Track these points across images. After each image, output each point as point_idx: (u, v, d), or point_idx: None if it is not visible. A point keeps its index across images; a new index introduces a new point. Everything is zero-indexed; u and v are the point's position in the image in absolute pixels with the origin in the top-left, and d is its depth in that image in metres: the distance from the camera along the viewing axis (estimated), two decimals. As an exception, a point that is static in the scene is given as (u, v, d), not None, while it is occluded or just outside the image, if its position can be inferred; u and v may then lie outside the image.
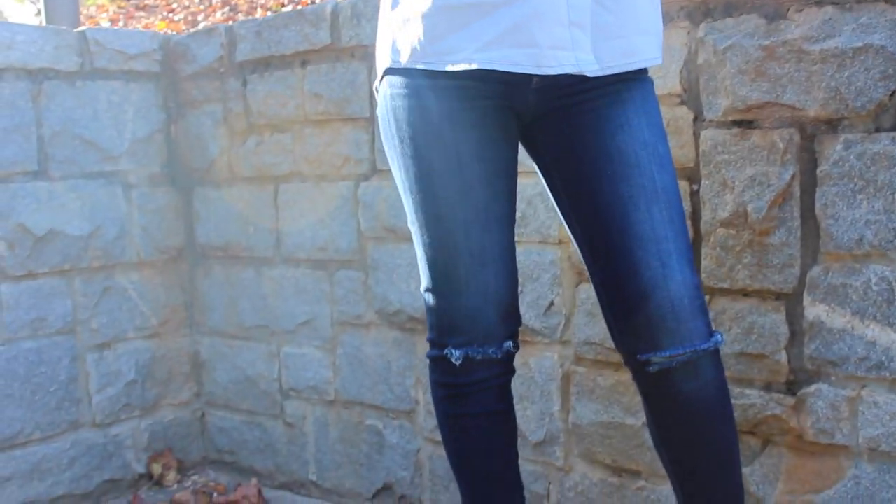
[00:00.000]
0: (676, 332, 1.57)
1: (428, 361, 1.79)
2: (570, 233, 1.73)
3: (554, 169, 1.69)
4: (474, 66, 1.59)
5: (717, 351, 1.62)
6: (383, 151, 2.57)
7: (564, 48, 1.58)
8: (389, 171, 2.58)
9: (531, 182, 2.21)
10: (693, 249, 1.74)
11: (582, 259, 1.72)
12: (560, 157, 1.67)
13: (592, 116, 1.63)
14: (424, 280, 1.74)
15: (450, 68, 1.60)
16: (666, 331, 1.58)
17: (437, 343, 1.75)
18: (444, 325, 1.72)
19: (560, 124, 1.66)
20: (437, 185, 1.64)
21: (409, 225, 1.74)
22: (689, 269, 1.60)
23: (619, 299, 1.62)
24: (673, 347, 1.58)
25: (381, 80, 1.74)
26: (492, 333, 1.71)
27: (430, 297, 1.73)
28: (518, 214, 2.29)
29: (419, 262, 1.74)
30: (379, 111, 1.74)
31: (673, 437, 1.66)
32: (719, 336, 1.62)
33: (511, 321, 1.74)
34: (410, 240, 2.53)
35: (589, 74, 1.60)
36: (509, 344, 1.73)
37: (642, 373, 1.63)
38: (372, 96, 2.60)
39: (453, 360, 1.71)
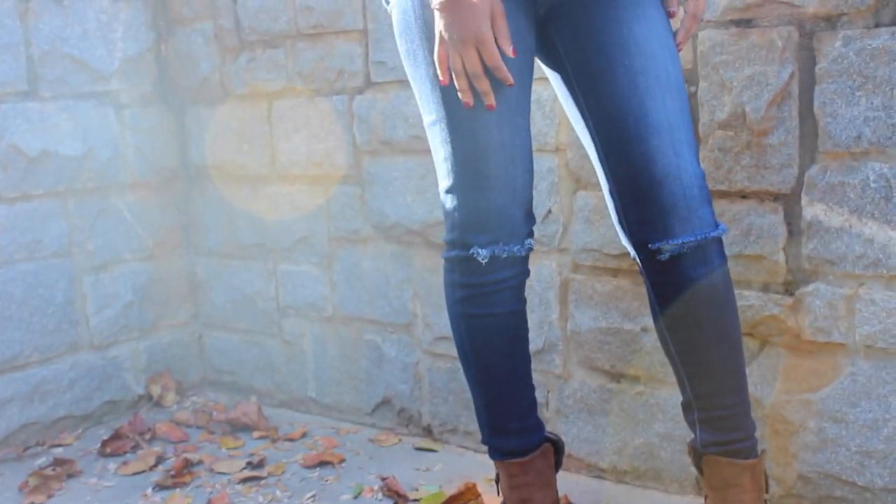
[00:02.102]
0: (687, 220, 1.61)
1: (444, 263, 1.79)
2: (583, 127, 1.73)
3: (569, 61, 1.69)
4: None
5: (721, 240, 1.66)
6: (378, 64, 2.56)
7: None
8: (384, 83, 2.56)
9: (527, 89, 2.19)
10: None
11: (595, 154, 1.72)
12: (577, 48, 1.67)
13: (609, 7, 1.64)
14: (447, 180, 1.71)
15: None
16: (678, 218, 1.61)
17: (458, 243, 1.73)
18: (468, 223, 1.71)
19: (577, 16, 1.66)
20: None
21: (429, 125, 1.72)
22: (696, 160, 1.64)
23: (633, 188, 1.64)
24: (684, 235, 1.61)
25: None
26: (517, 231, 1.71)
27: (453, 197, 1.71)
28: (514, 123, 2.28)
29: (440, 163, 1.72)
30: (398, 7, 1.71)
31: (681, 326, 1.69)
32: (724, 225, 1.65)
33: (531, 218, 1.75)
34: (406, 152, 2.53)
35: None
36: (530, 242, 1.75)
37: (653, 262, 1.66)
38: (365, 7, 2.57)
39: (479, 258, 1.70)
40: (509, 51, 1.58)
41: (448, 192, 1.72)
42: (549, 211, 2.28)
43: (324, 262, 2.80)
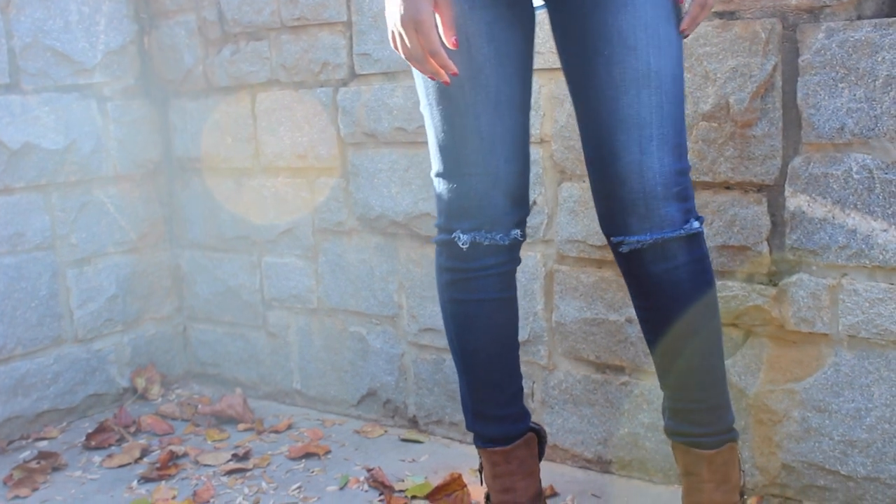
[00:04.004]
0: (646, 218, 1.60)
1: (435, 246, 1.81)
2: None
3: (560, 47, 1.69)
4: None
5: (693, 236, 1.63)
6: (362, 56, 2.56)
7: None
8: (369, 75, 2.56)
9: (512, 81, 2.19)
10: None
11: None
12: (566, 34, 1.67)
13: None
14: (435, 164, 1.75)
15: None
16: (636, 216, 1.61)
17: (444, 228, 1.76)
18: (452, 209, 1.73)
19: (567, 4, 1.65)
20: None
21: (422, 109, 1.74)
22: (671, 155, 1.60)
23: (600, 181, 1.65)
24: (641, 234, 1.61)
25: None
26: (500, 220, 1.72)
27: (439, 182, 1.74)
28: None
29: (430, 147, 1.75)
30: None
31: (647, 317, 1.70)
32: (696, 223, 1.63)
33: (520, 209, 1.75)
34: (391, 144, 2.53)
35: None
36: (517, 232, 1.75)
37: (617, 254, 1.68)
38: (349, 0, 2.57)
39: (460, 244, 1.73)
40: (450, 41, 1.58)
41: (436, 176, 1.75)
42: (534, 202, 2.29)
43: (308, 255, 2.80)
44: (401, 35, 1.58)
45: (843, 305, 1.91)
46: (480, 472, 1.93)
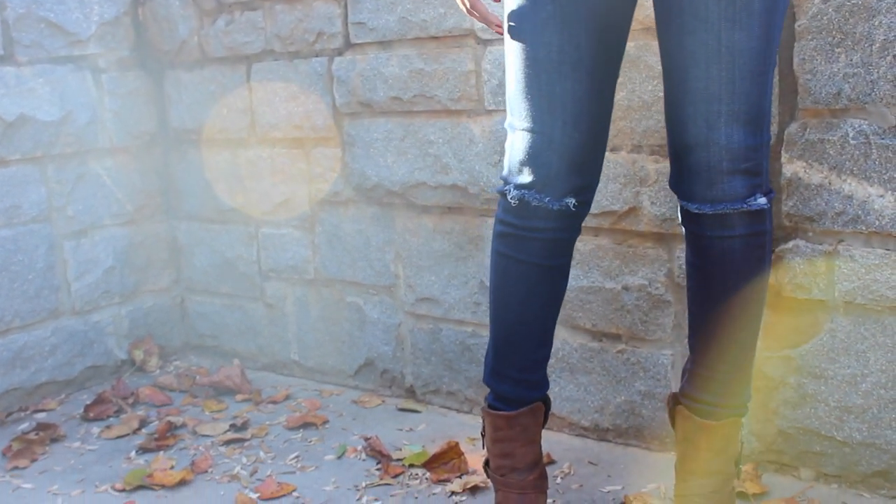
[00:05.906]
0: (708, 190, 1.62)
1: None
2: None
3: (655, 13, 1.69)
4: None
5: (755, 212, 1.64)
6: (357, 25, 2.54)
7: None
8: (364, 45, 2.55)
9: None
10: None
11: None
12: (654, 3, 1.67)
13: None
14: (507, 115, 1.75)
15: None
16: (701, 184, 1.63)
17: (503, 179, 1.75)
18: (511, 162, 1.72)
19: None
20: (517, 21, 1.65)
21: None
22: (742, 131, 1.59)
23: (671, 146, 1.68)
24: (703, 202, 1.64)
25: None
26: (552, 183, 1.69)
27: (508, 132, 1.74)
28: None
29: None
30: None
31: (694, 274, 1.73)
32: (761, 199, 1.63)
33: (578, 176, 1.70)
34: (387, 113, 2.52)
35: None
36: (571, 200, 1.70)
37: (681, 208, 1.71)
38: (343, -32, 2.55)
39: (509, 197, 1.71)
40: None
41: (506, 126, 1.75)
42: (530, 171, 2.28)
43: (305, 225, 2.80)
44: None
45: (839, 272, 1.91)
46: (483, 437, 1.92)
